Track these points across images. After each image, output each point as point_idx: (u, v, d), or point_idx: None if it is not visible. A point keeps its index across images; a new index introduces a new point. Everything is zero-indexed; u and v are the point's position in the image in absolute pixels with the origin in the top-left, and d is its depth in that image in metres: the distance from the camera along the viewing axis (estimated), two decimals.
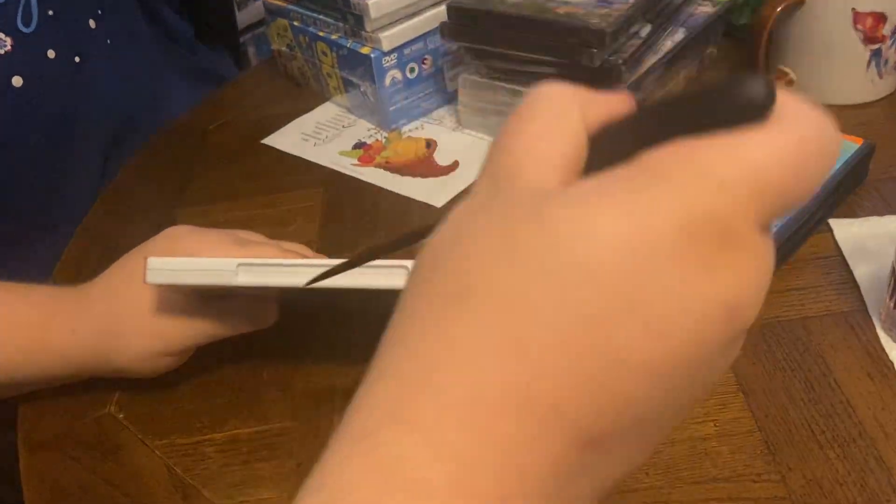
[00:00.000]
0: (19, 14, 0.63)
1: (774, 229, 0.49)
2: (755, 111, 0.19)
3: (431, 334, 0.19)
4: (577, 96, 0.22)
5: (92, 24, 0.71)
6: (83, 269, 0.52)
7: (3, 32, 0.62)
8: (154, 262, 0.43)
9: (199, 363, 0.51)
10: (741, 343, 0.21)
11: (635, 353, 0.18)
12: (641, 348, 0.18)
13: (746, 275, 0.19)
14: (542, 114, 0.21)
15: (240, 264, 0.42)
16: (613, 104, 0.22)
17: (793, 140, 0.19)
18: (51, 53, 0.66)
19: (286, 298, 0.50)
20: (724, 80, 0.19)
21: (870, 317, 0.49)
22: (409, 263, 0.40)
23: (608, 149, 0.21)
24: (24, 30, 0.63)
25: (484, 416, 0.18)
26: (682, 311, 0.18)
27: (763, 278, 0.19)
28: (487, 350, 0.18)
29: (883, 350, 0.46)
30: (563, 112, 0.21)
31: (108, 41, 0.73)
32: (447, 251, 0.20)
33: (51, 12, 0.65)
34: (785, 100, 0.19)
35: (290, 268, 0.42)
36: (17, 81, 0.63)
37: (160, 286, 0.46)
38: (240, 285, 0.42)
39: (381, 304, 0.51)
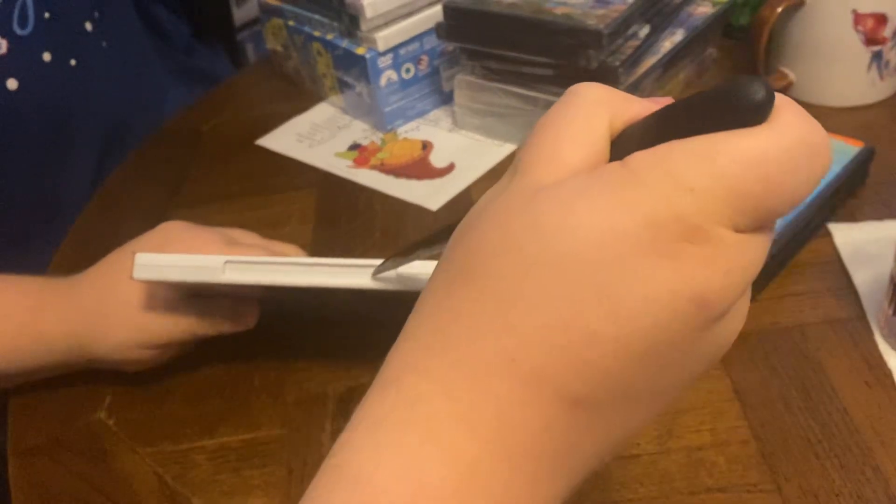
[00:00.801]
0: (15, 16, 0.62)
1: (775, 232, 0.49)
2: (752, 114, 0.20)
3: (441, 307, 0.23)
4: (609, 100, 0.24)
5: (88, 26, 0.71)
6: (76, 270, 0.52)
7: None
8: (142, 257, 0.44)
9: (189, 369, 0.51)
10: (725, 335, 0.23)
11: (605, 330, 0.21)
12: (611, 327, 0.21)
13: (713, 267, 0.20)
14: (574, 115, 0.23)
15: (227, 261, 0.43)
16: (644, 108, 0.23)
17: (774, 151, 0.20)
18: (46, 56, 0.65)
19: (271, 298, 0.50)
20: (723, 83, 0.20)
21: (869, 324, 0.48)
22: (378, 262, 0.40)
23: (624, 150, 0.22)
24: (20, 32, 0.63)
25: (481, 375, 0.22)
26: (648, 296, 0.20)
27: (736, 273, 0.21)
28: (481, 323, 0.22)
29: (881, 358, 0.46)
30: (592, 116, 0.23)
31: (104, 43, 0.73)
32: (462, 236, 0.24)
33: (47, 15, 0.65)
34: (780, 106, 0.20)
35: (276, 266, 0.43)
36: (12, 84, 0.62)
37: (147, 282, 0.46)
38: (226, 282, 0.43)
39: (364, 306, 0.51)
